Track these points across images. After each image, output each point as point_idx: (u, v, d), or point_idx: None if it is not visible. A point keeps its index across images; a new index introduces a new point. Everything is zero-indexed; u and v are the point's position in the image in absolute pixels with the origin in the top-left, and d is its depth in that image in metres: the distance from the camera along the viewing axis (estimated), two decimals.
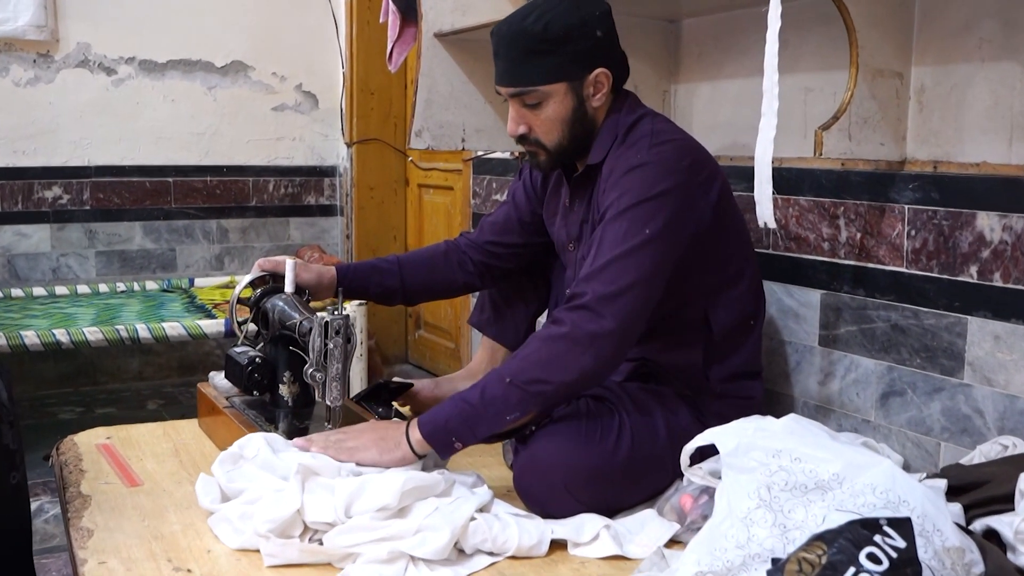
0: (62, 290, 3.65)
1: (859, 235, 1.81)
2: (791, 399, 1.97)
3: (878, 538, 1.07)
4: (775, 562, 1.13)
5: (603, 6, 1.65)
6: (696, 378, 1.70)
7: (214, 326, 3.07)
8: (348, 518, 1.39)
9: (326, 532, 1.39)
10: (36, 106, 3.71)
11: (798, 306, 1.94)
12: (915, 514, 1.12)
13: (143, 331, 2.98)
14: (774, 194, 1.56)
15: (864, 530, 1.08)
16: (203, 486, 1.51)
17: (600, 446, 1.56)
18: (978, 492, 1.37)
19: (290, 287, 1.78)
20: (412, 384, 1.98)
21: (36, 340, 2.86)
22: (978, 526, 1.32)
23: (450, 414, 1.51)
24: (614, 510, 1.57)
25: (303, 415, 1.81)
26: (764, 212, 1.56)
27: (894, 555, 1.06)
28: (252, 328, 1.87)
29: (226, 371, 1.87)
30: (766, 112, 1.49)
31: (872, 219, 1.79)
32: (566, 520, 1.51)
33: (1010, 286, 1.57)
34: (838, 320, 1.86)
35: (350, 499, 1.40)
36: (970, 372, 1.64)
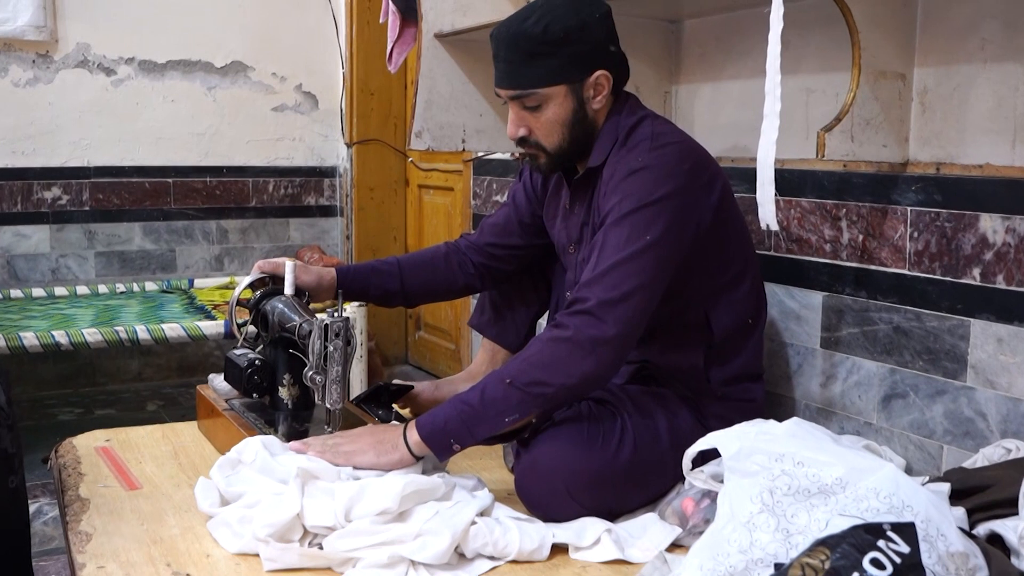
0: (61, 291, 3.64)
1: (861, 237, 1.80)
2: (792, 401, 1.96)
3: (882, 543, 1.07)
4: (778, 567, 1.13)
5: (603, 8, 1.64)
6: (697, 380, 1.69)
7: (214, 327, 3.06)
8: (348, 522, 1.39)
9: (326, 536, 1.39)
10: (35, 106, 3.70)
11: (800, 308, 1.94)
12: (919, 519, 1.11)
13: (142, 332, 2.97)
14: (776, 196, 1.55)
15: (868, 535, 1.07)
16: (202, 490, 1.51)
17: (602, 449, 1.55)
18: (981, 496, 1.36)
19: (290, 289, 1.78)
20: (412, 386, 1.98)
21: (35, 341, 2.86)
22: (981, 530, 1.31)
23: (449, 416, 1.50)
24: (615, 514, 1.57)
25: (303, 418, 1.80)
26: (766, 214, 1.56)
27: (898, 560, 1.06)
28: (252, 330, 1.87)
29: (225, 373, 1.87)
30: (768, 114, 1.48)
31: (874, 221, 1.78)
32: (567, 524, 1.51)
33: (1013, 288, 1.57)
34: (840, 322, 1.86)
35: (350, 503, 1.40)
36: (973, 375, 1.63)
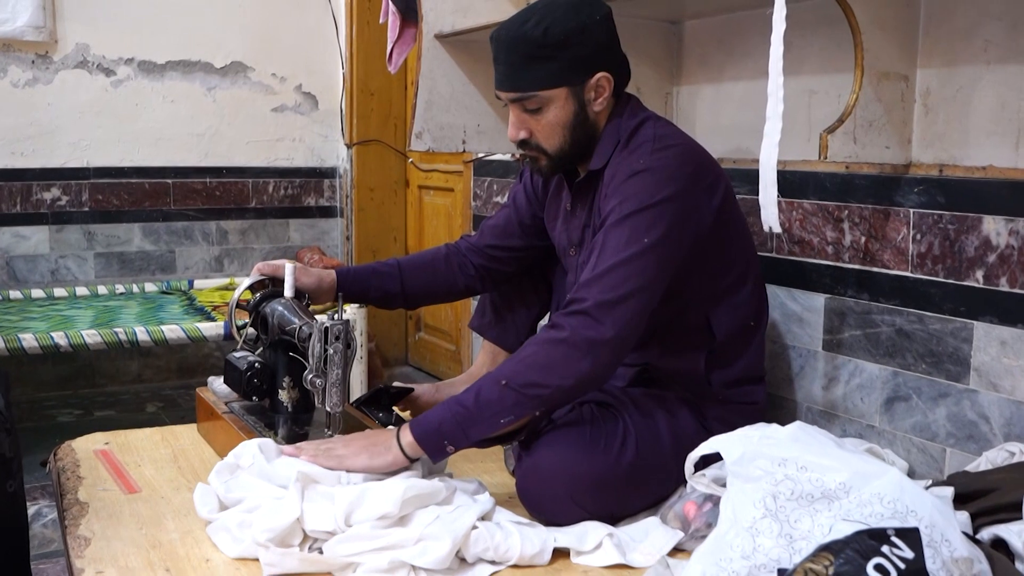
0: (61, 292, 3.63)
1: (864, 239, 1.80)
2: (795, 404, 1.96)
3: (886, 548, 1.06)
4: (781, 573, 1.12)
5: (603, 9, 1.63)
6: (699, 383, 1.69)
7: (213, 329, 3.05)
8: (348, 527, 1.38)
9: (326, 541, 1.38)
10: (35, 107, 3.69)
11: (802, 310, 1.93)
12: (923, 524, 1.10)
13: (142, 334, 2.96)
14: (778, 197, 1.55)
15: (871, 540, 1.07)
16: (201, 497, 1.50)
17: (603, 453, 1.54)
18: (985, 500, 1.36)
19: (289, 291, 1.77)
20: (412, 389, 1.97)
21: (35, 343, 2.85)
22: (985, 535, 1.30)
23: (443, 417, 1.49)
24: (617, 517, 1.56)
25: (303, 421, 1.80)
26: (768, 216, 1.55)
27: (902, 566, 1.05)
28: (251, 332, 1.86)
29: (225, 376, 1.86)
30: (771, 115, 1.48)
31: (877, 223, 1.77)
32: (569, 528, 1.50)
33: (1016, 291, 1.56)
34: (842, 324, 1.85)
35: (350, 507, 1.39)
36: (976, 377, 1.62)
